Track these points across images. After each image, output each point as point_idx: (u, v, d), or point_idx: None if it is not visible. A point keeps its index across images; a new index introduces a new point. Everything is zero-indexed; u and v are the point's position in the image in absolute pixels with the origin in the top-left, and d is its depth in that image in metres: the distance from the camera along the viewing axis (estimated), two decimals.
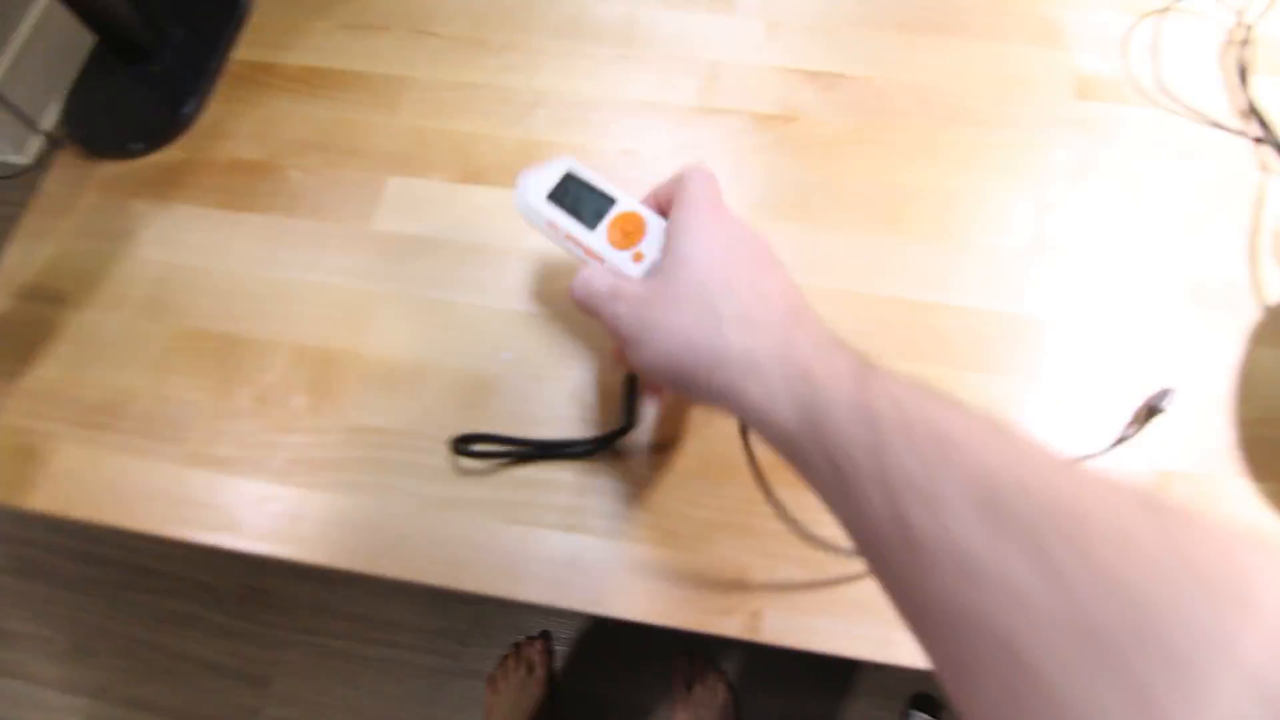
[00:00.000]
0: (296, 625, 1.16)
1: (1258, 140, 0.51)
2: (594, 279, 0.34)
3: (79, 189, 0.53)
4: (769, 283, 0.31)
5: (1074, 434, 0.43)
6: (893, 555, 0.23)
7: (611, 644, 1.13)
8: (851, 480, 0.24)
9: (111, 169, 0.53)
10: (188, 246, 0.50)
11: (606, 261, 0.36)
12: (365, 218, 0.50)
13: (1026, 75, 0.53)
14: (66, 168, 0.54)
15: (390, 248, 0.49)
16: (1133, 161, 0.50)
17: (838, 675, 1.12)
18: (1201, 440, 0.44)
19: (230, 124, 0.54)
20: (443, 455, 0.43)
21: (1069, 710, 0.18)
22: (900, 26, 0.55)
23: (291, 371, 0.46)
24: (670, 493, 0.42)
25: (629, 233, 0.36)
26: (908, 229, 0.49)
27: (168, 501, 0.43)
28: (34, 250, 0.51)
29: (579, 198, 0.37)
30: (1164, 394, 0.43)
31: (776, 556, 0.41)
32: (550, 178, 0.37)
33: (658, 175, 0.37)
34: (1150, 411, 0.43)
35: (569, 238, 0.37)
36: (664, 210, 0.36)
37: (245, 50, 0.57)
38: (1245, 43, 0.54)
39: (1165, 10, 0.55)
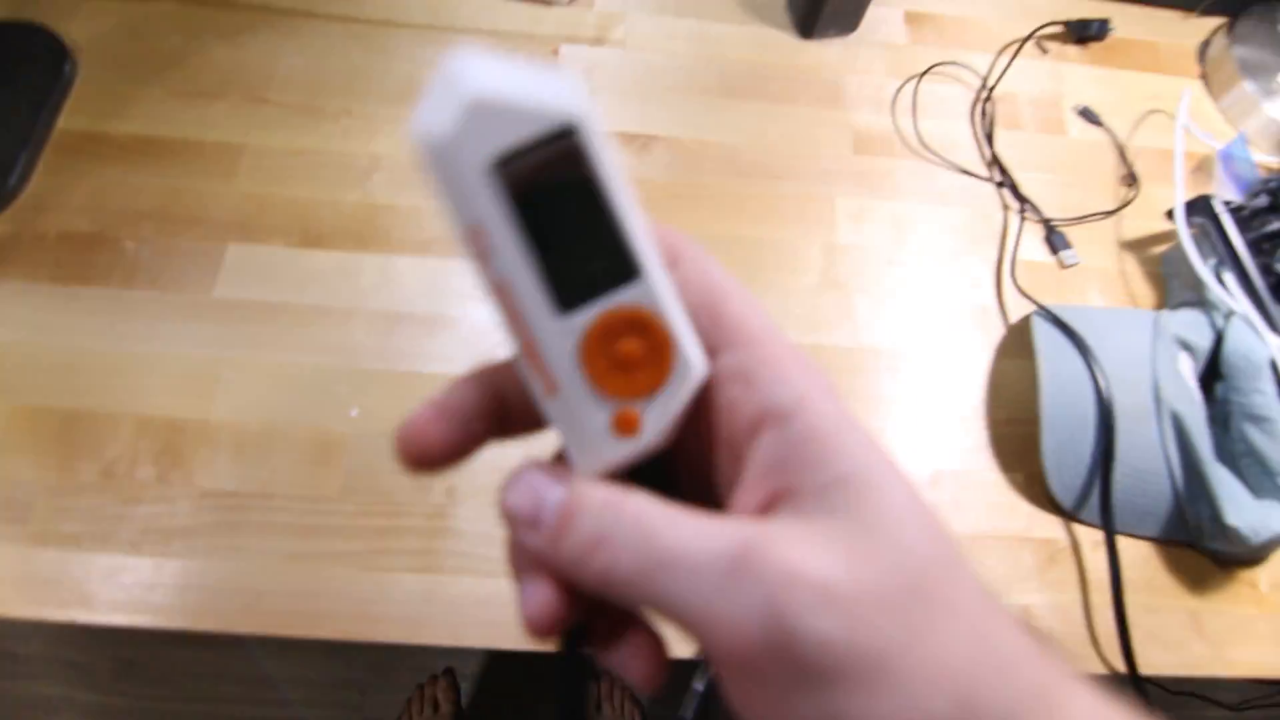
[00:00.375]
0: (179, 694, 1.11)
1: (999, 184, 0.61)
2: (657, 529, 0.15)
3: None
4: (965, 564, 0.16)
5: None
6: None
7: (517, 676, 1.16)
8: None
9: None
10: (19, 323, 0.50)
11: (561, 393, 0.17)
12: (206, 286, 0.52)
13: (813, 133, 0.61)
14: None
15: (233, 314, 0.51)
16: (901, 206, 0.59)
17: None
18: (962, 441, 0.53)
19: (58, 196, 0.54)
20: (295, 513, 0.46)
21: None
22: (705, 91, 0.62)
23: (137, 443, 0.47)
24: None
25: (634, 359, 0.17)
26: None
27: (14, 583, 0.44)
28: None
29: (565, 212, 0.16)
30: None
31: None
32: (521, 121, 0.15)
33: None
34: None
35: (502, 286, 0.16)
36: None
37: (71, 119, 0.56)
38: (988, 101, 0.64)
39: (924, 74, 0.64)
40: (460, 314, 0.52)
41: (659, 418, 0.17)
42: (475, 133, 0.14)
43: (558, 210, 0.15)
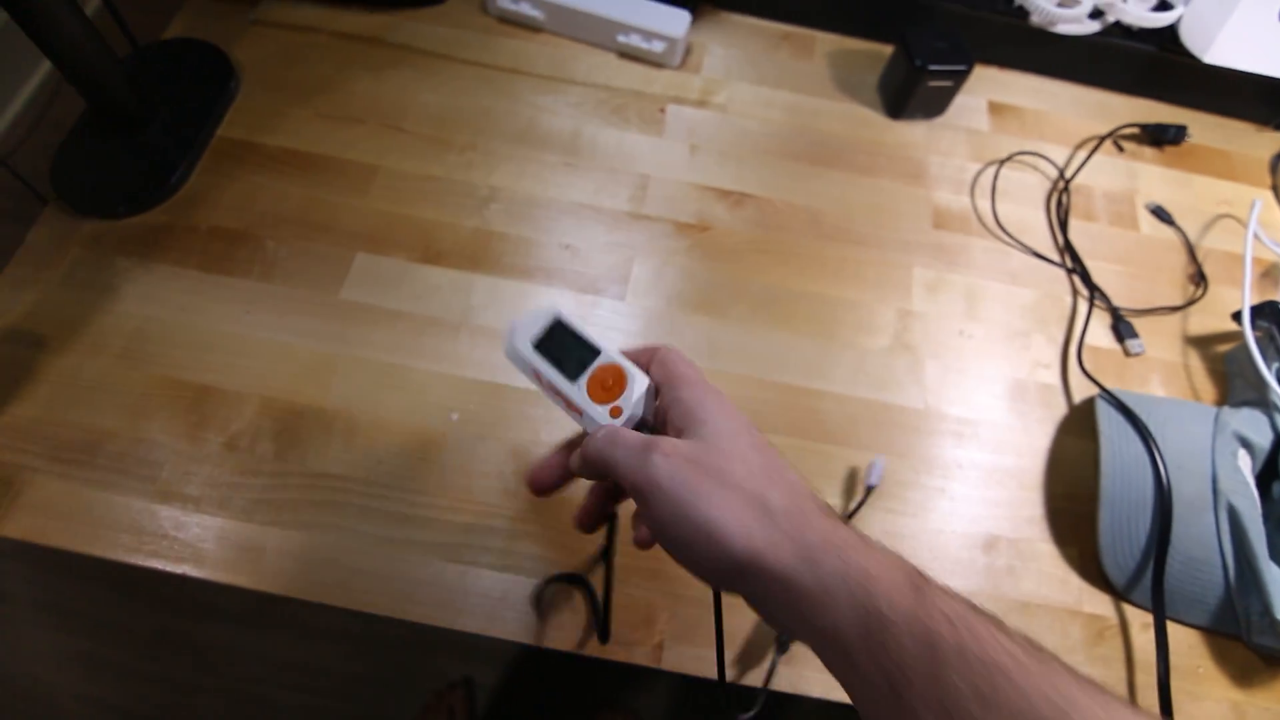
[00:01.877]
0: (208, 668, 1.15)
1: (1070, 270, 0.64)
2: (620, 432, 0.32)
3: (63, 243, 0.58)
4: (796, 479, 0.30)
5: (923, 503, 0.53)
6: None
7: (535, 690, 1.17)
8: (905, 699, 0.24)
9: (96, 227, 0.59)
10: (166, 303, 0.56)
11: (585, 414, 0.35)
12: (333, 288, 0.57)
13: (895, 206, 0.65)
14: (51, 222, 0.59)
15: (354, 316, 0.56)
16: (974, 281, 0.63)
17: None
18: (1021, 510, 0.55)
19: (212, 194, 0.60)
20: (393, 501, 0.50)
21: None
22: (796, 158, 0.67)
23: (259, 420, 0.52)
24: (590, 539, 0.50)
25: (609, 387, 0.36)
26: (796, 326, 0.59)
27: (136, 533, 0.48)
28: (15, 297, 0.55)
29: (564, 346, 0.38)
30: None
31: (678, 597, 0.49)
32: (538, 325, 0.38)
33: (593, 269, 0.45)
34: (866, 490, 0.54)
35: (551, 387, 0.37)
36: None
37: (230, 129, 0.63)
38: (1064, 192, 0.68)
39: (1004, 161, 0.68)
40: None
41: (629, 406, 0.34)
42: (522, 335, 0.37)
43: (559, 345, 0.37)
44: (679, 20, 0.67)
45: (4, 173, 0.75)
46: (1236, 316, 0.59)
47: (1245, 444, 0.53)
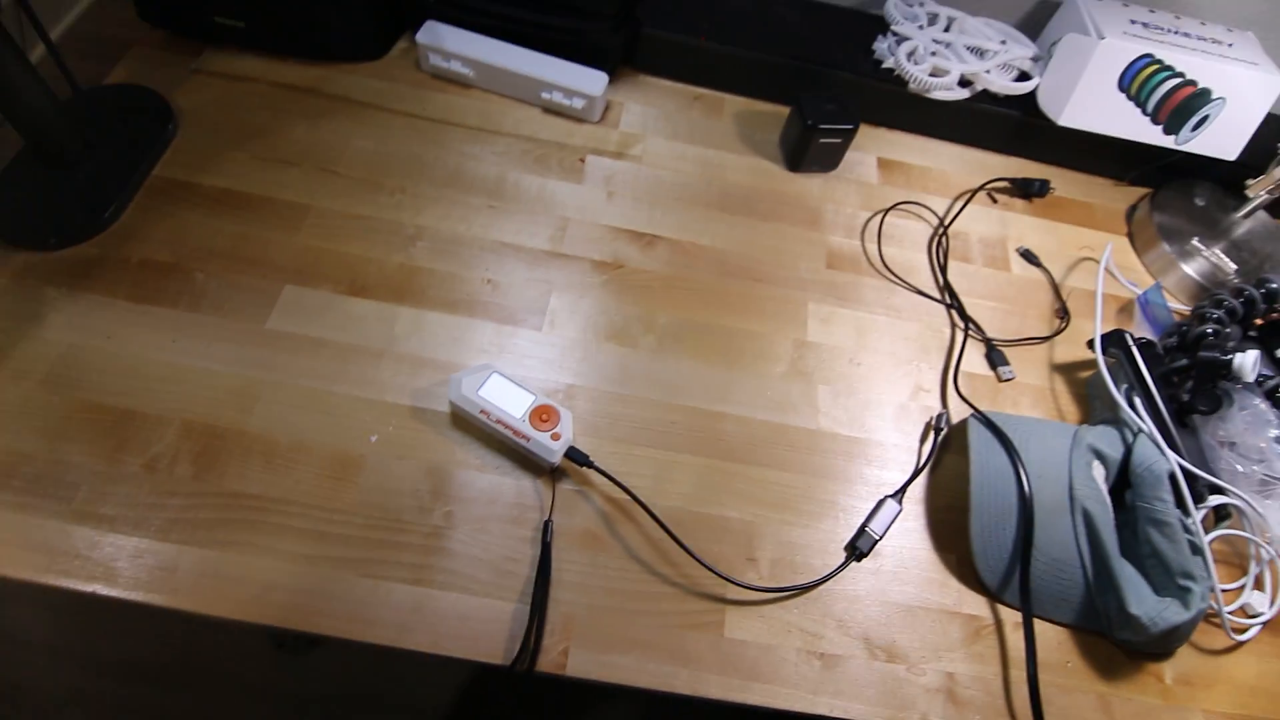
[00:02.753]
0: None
1: (949, 306, 0.71)
2: None
3: None
4: None
5: (805, 512, 0.58)
6: None
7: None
8: None
9: (27, 258, 0.60)
10: (93, 331, 0.57)
11: (532, 439, 0.53)
12: (260, 318, 0.60)
13: (793, 248, 0.72)
14: None
15: (280, 344, 0.59)
16: (863, 315, 0.69)
17: None
18: (905, 521, 0.59)
19: (145, 229, 0.63)
20: (310, 520, 0.52)
21: None
22: (705, 205, 0.73)
23: (179, 443, 0.54)
24: (506, 557, 0.52)
25: (545, 418, 0.53)
26: (701, 355, 0.64)
27: (47, 553, 0.49)
28: None
29: (504, 392, 0.54)
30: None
31: (592, 607, 0.51)
32: (479, 378, 0.55)
33: (513, 301, 0.50)
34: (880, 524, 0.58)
35: (499, 421, 0.53)
36: None
37: (167, 169, 0.67)
38: (944, 237, 0.75)
39: (890, 209, 0.76)
40: (453, 360, 0.60)
41: (565, 431, 0.53)
42: (469, 389, 0.54)
43: (500, 392, 0.54)
44: (597, 80, 0.74)
45: None
46: (1091, 344, 0.66)
47: (1099, 456, 0.59)
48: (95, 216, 0.62)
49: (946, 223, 0.76)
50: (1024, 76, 0.79)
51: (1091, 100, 0.74)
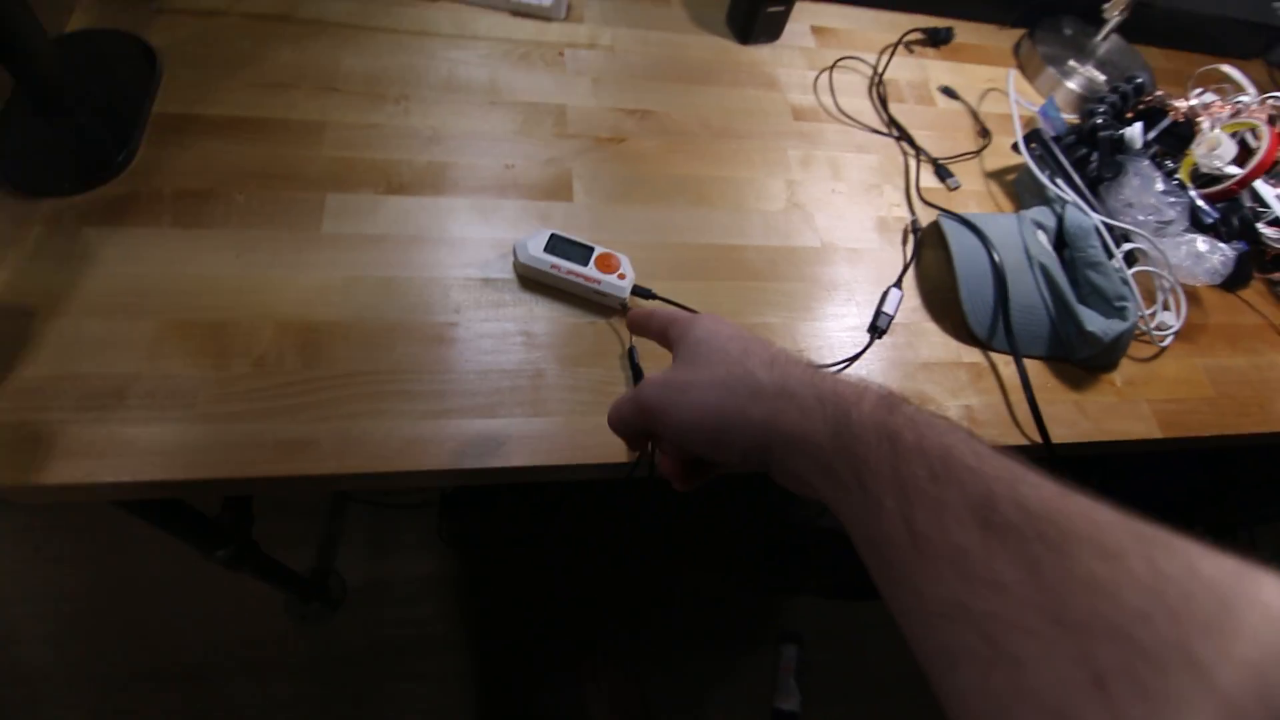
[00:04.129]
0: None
1: (898, 138, 0.83)
2: (620, 404, 0.40)
3: (21, 223, 0.58)
4: (774, 348, 0.36)
5: (829, 310, 0.68)
6: (897, 553, 0.26)
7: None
8: (871, 488, 0.27)
9: (54, 204, 0.60)
10: (152, 260, 0.59)
11: (602, 282, 0.60)
12: (314, 225, 0.63)
13: (762, 108, 0.81)
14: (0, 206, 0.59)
15: (343, 244, 0.62)
16: (833, 154, 0.80)
17: (721, 632, 1.32)
18: (906, 303, 0.71)
19: (167, 163, 0.64)
20: (426, 382, 0.57)
21: (1033, 688, 0.20)
22: (677, 80, 0.81)
23: (280, 340, 0.57)
24: (606, 381, 0.60)
25: (610, 265, 0.61)
26: (712, 202, 0.73)
27: (192, 452, 0.52)
28: None
29: (566, 248, 0.61)
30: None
31: None
32: (541, 239, 0.61)
33: (535, 180, 0.57)
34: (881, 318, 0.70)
35: (569, 271, 0.60)
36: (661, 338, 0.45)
37: (166, 105, 0.67)
38: (880, 84, 0.87)
39: (832, 67, 0.87)
40: (502, 236, 0.66)
41: (627, 271, 0.62)
42: (535, 249, 0.61)
43: (563, 249, 0.62)
44: None
45: None
46: (1015, 147, 0.80)
47: (1040, 226, 0.73)
48: (110, 157, 0.62)
49: (880, 71, 0.88)
50: None
51: None
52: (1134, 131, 0.74)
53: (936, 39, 0.93)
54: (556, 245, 0.62)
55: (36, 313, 0.55)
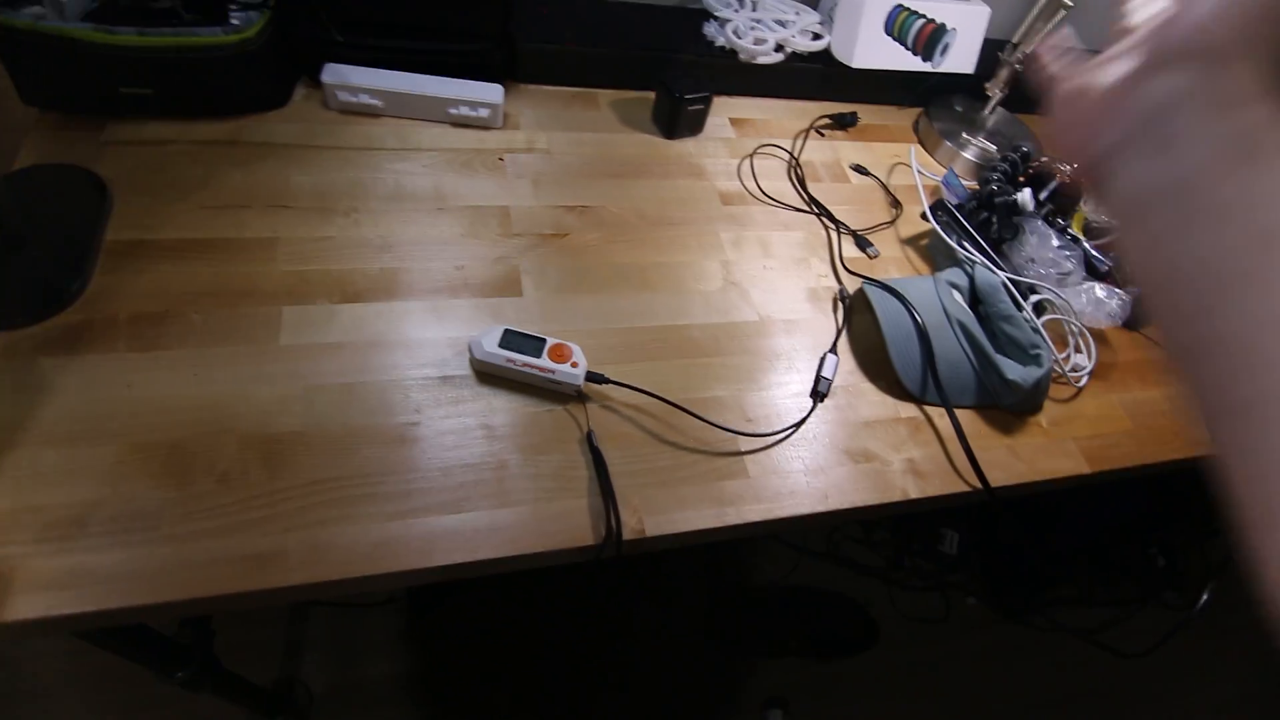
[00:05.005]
0: None
1: (818, 214, 0.90)
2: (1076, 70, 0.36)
3: None
4: None
5: (773, 379, 0.73)
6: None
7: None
8: None
9: (7, 337, 0.60)
10: (108, 385, 0.59)
11: (556, 372, 0.63)
12: (271, 338, 0.65)
13: (692, 196, 0.87)
14: None
15: (300, 354, 0.64)
16: (762, 234, 0.86)
17: (699, 685, 1.30)
18: (843, 367, 0.76)
19: (121, 289, 0.65)
20: (391, 484, 0.58)
21: None
22: (611, 176, 0.87)
23: (243, 454, 0.58)
24: (571, 479, 0.62)
25: (563, 354, 0.64)
26: (652, 287, 0.77)
27: (157, 577, 0.52)
28: None
29: (520, 342, 0.65)
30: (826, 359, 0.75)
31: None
32: (495, 335, 0.65)
33: (485, 279, 0.60)
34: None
35: (524, 364, 0.64)
36: None
37: (118, 232, 0.69)
38: (797, 167, 0.95)
39: (752, 154, 0.94)
40: (457, 335, 0.69)
41: (581, 361, 0.66)
42: (490, 345, 0.64)
43: (517, 343, 0.65)
44: (496, 91, 0.85)
45: None
46: (924, 215, 0.88)
47: (955, 287, 0.80)
48: (64, 288, 0.64)
49: (796, 155, 0.96)
50: (817, 37, 1.01)
51: (871, 44, 0.98)
52: (1025, 196, 0.83)
53: (844, 122, 1.02)
54: (510, 340, 0.65)
55: None
